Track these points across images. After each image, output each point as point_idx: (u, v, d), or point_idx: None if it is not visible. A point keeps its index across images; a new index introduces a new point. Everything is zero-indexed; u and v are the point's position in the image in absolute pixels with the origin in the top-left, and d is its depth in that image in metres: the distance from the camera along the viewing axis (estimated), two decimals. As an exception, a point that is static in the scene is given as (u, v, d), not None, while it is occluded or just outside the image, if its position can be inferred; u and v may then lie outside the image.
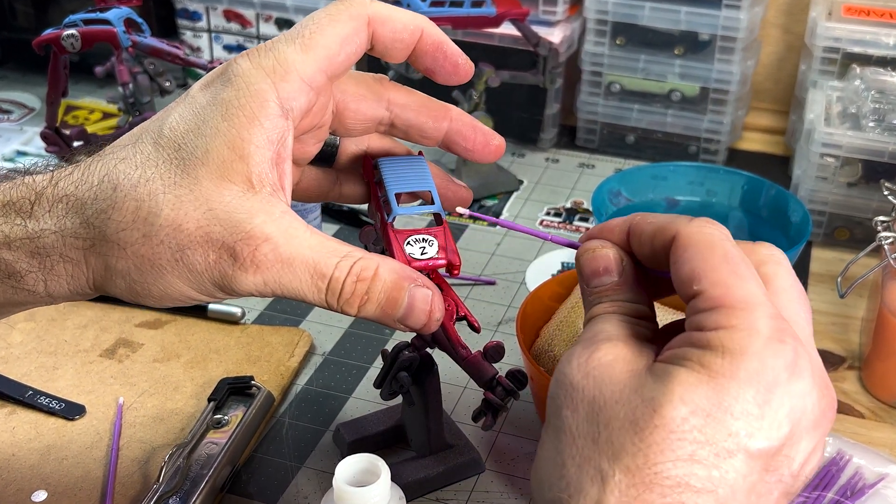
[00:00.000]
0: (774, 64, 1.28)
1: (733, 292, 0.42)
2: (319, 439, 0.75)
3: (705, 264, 0.43)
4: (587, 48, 1.19)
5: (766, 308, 0.42)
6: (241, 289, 0.49)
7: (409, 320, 0.51)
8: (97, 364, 0.81)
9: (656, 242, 0.46)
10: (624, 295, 0.47)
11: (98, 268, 0.50)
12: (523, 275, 0.97)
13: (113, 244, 0.49)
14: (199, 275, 0.49)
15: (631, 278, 0.48)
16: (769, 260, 0.46)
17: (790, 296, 0.45)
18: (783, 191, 0.99)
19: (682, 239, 0.44)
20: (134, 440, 0.73)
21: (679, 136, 1.20)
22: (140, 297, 0.50)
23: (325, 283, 0.49)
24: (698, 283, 0.43)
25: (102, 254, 0.49)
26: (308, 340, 0.84)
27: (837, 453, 0.71)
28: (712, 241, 0.44)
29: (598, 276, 0.48)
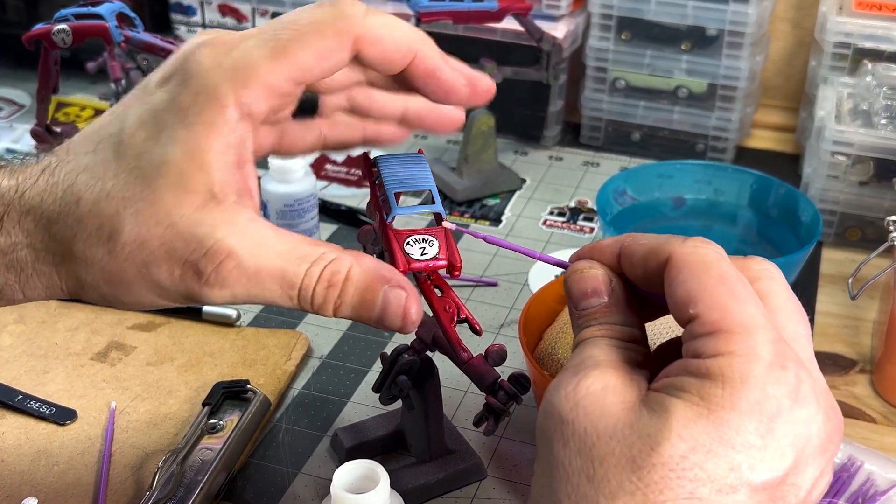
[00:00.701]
0: (784, 60, 1.28)
1: (731, 315, 0.41)
2: (317, 445, 0.75)
3: (701, 286, 0.42)
4: (592, 43, 1.19)
5: (766, 331, 0.41)
6: (212, 302, 0.49)
7: (385, 322, 0.51)
8: (89, 367, 0.81)
9: (649, 264, 0.46)
10: (614, 318, 0.47)
11: (70, 280, 0.51)
12: (526, 276, 0.97)
13: (80, 260, 0.49)
14: (166, 289, 0.49)
15: (621, 300, 0.47)
16: (763, 275, 0.45)
17: (787, 313, 0.44)
18: (793, 190, 0.99)
19: (677, 260, 0.44)
20: (126, 446, 0.73)
21: (686, 134, 1.20)
22: (114, 305, 0.51)
23: (295, 292, 0.49)
24: (694, 307, 0.42)
25: (72, 268, 0.50)
26: (305, 343, 0.84)
27: (848, 459, 0.71)
28: (708, 262, 0.43)
29: (587, 298, 0.47)
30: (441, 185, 1.11)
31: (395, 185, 0.56)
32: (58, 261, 0.50)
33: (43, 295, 0.52)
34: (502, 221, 1.07)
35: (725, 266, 0.43)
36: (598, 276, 0.48)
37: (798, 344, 0.44)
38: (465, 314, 0.56)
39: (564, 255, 0.99)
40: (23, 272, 0.51)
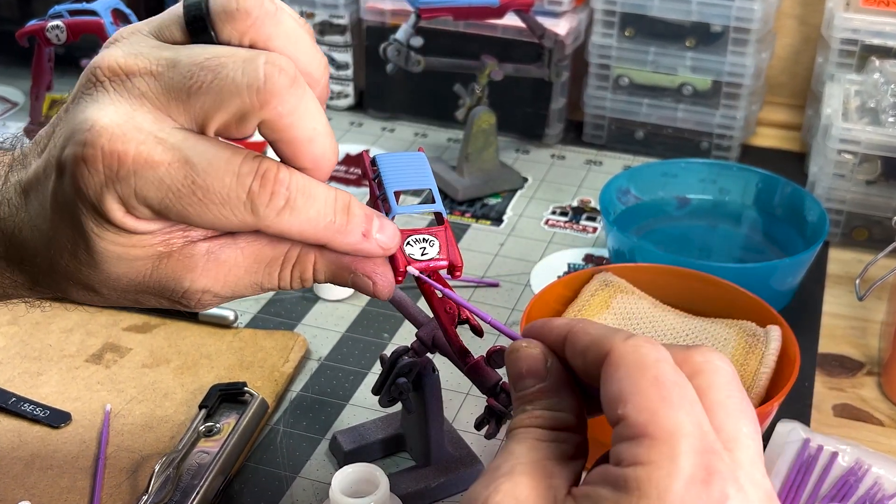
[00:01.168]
0: (790, 56, 1.28)
1: (657, 420, 0.39)
2: (315, 448, 0.75)
3: (634, 387, 0.40)
4: (594, 40, 1.19)
5: (692, 440, 0.39)
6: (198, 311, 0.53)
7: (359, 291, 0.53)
8: (83, 370, 0.81)
9: (589, 356, 0.44)
10: (547, 402, 0.45)
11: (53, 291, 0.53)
12: (528, 276, 0.97)
13: (80, 299, 0.53)
14: (151, 304, 0.53)
15: (558, 383, 0.45)
16: (704, 368, 0.42)
17: (728, 410, 0.42)
18: (799, 189, 0.99)
19: (615, 357, 0.42)
20: (122, 449, 0.73)
21: (690, 132, 1.20)
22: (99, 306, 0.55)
23: (273, 292, 0.54)
24: (623, 407, 0.40)
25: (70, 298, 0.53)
26: (303, 345, 0.84)
27: (856, 463, 0.71)
28: (645, 363, 0.41)
29: (522, 379, 0.46)
30: (441, 184, 1.11)
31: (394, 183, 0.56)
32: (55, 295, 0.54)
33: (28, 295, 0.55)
34: (503, 221, 1.07)
35: (664, 369, 0.41)
36: (534, 356, 0.46)
37: (739, 445, 0.41)
38: (466, 315, 0.56)
39: (566, 255, 0.99)
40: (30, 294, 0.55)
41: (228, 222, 0.47)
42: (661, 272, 0.84)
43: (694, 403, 0.40)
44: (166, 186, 0.46)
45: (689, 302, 0.82)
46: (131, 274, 0.49)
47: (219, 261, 0.50)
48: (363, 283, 0.52)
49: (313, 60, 0.49)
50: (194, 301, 0.51)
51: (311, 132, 0.48)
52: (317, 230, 0.49)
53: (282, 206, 0.47)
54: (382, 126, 1.26)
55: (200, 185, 0.46)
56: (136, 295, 0.51)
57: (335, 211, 0.49)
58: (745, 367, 0.74)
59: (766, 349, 0.75)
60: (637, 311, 0.81)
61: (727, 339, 0.77)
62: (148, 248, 0.49)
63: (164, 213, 0.47)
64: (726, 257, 1.01)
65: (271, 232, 0.48)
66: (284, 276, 0.51)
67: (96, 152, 0.45)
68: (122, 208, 0.46)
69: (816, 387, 0.83)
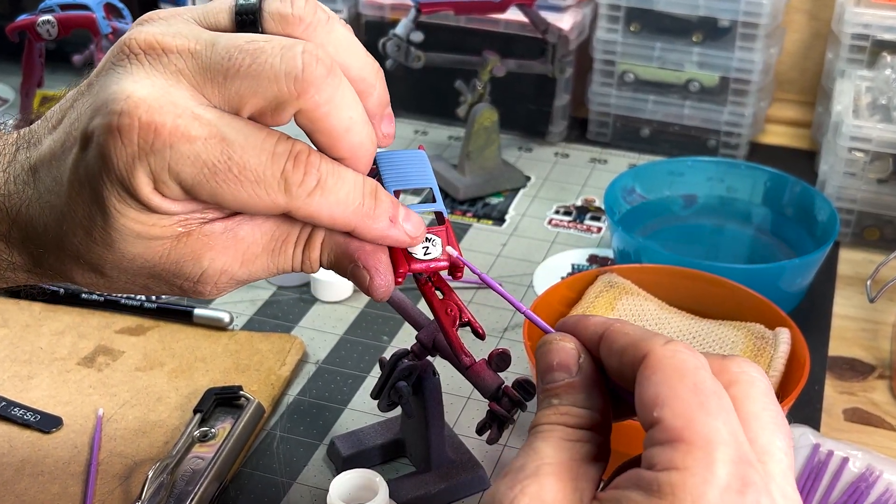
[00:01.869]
0: (799, 52, 1.28)
1: (694, 426, 0.39)
2: (313, 454, 0.75)
3: (671, 391, 0.41)
4: (599, 35, 1.19)
5: (728, 449, 0.39)
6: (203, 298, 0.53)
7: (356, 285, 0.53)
8: (75, 373, 0.81)
9: (626, 357, 0.44)
10: (575, 398, 0.45)
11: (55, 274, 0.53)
12: (531, 277, 0.97)
13: (82, 283, 0.52)
14: (168, 294, 0.53)
15: (588, 381, 0.46)
16: (740, 379, 0.43)
17: (762, 423, 0.42)
18: (809, 188, 0.99)
19: (653, 360, 0.42)
20: (114, 454, 0.73)
21: (697, 130, 1.20)
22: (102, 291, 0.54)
23: (287, 271, 0.53)
24: (660, 410, 0.40)
25: (76, 283, 0.53)
26: (300, 348, 0.85)
27: (867, 469, 0.71)
28: (684, 369, 0.41)
29: (552, 372, 0.46)
30: (442, 183, 1.11)
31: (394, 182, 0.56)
32: (60, 278, 0.53)
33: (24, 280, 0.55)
34: (506, 221, 1.07)
35: (703, 376, 0.41)
36: (568, 350, 0.46)
37: (772, 458, 0.41)
38: (468, 317, 0.56)
39: (572, 253, 0.99)
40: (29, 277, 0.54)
41: (261, 202, 0.47)
42: (667, 273, 0.84)
43: (730, 413, 0.41)
44: (202, 162, 0.46)
45: (695, 303, 0.82)
46: (147, 255, 0.49)
47: (237, 238, 0.50)
48: (361, 276, 0.52)
49: (366, 66, 0.50)
50: (210, 285, 0.51)
51: (347, 122, 0.48)
52: (346, 214, 0.49)
53: (313, 186, 0.48)
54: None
55: (237, 161, 0.46)
56: (146, 279, 0.51)
57: (364, 194, 0.50)
58: (754, 370, 0.74)
59: (774, 352, 0.75)
60: (643, 312, 0.81)
61: (735, 342, 0.77)
62: (167, 228, 0.49)
63: (195, 190, 0.47)
64: (734, 258, 1.01)
65: (301, 215, 0.49)
66: (297, 256, 0.52)
67: (133, 122, 0.45)
68: (150, 183, 0.46)
69: (826, 390, 0.83)
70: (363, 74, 0.50)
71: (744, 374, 0.43)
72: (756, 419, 0.42)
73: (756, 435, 0.42)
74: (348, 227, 0.50)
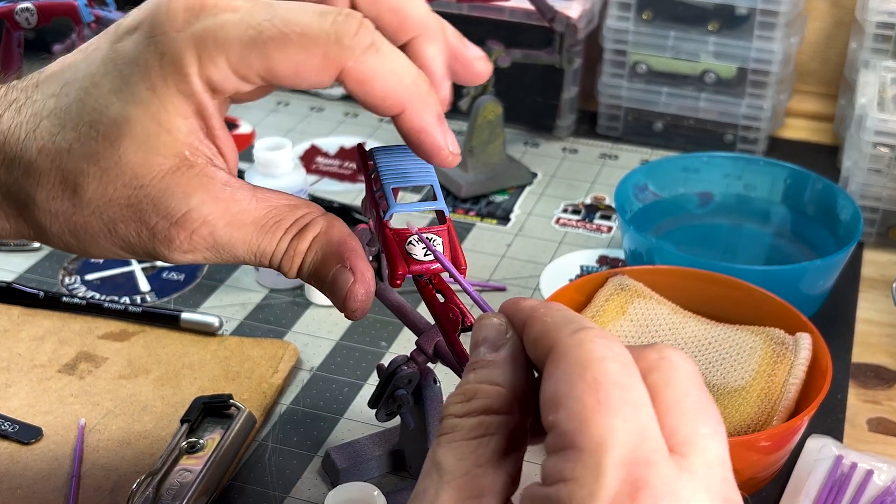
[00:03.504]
0: (821, 41, 1.28)
1: (587, 429, 0.38)
2: (307, 466, 0.75)
3: (569, 389, 0.39)
4: (609, 23, 1.19)
5: (620, 451, 0.37)
6: (176, 263, 0.52)
7: (332, 299, 0.54)
8: (55, 381, 0.81)
9: (538, 349, 0.42)
10: (490, 374, 0.44)
11: (35, 226, 0.53)
12: (537, 280, 0.97)
13: (44, 210, 0.52)
14: (132, 245, 0.52)
15: (511, 358, 0.44)
16: (659, 366, 0.41)
17: (683, 409, 0.40)
18: (831, 185, 0.99)
19: (557, 352, 0.41)
20: (97, 467, 0.73)
21: (713, 123, 1.20)
22: (78, 253, 0.54)
23: (266, 260, 0.53)
24: (555, 413, 0.39)
25: (35, 217, 0.52)
26: (294, 354, 0.85)
27: (892, 481, 0.71)
28: (588, 360, 0.39)
29: (476, 348, 0.45)
30: (443, 180, 1.11)
31: (393, 179, 0.56)
32: (21, 206, 0.52)
33: (12, 235, 0.54)
34: (511, 220, 1.07)
35: (607, 368, 0.39)
36: (494, 325, 0.45)
37: (694, 448, 0.39)
38: (471, 322, 0.56)
39: (579, 257, 0.99)
40: None
41: (314, 59, 0.48)
42: (681, 275, 0.84)
43: (639, 406, 0.39)
44: (247, 25, 0.48)
45: (711, 307, 0.82)
46: (142, 168, 0.49)
47: (234, 197, 0.51)
48: (344, 278, 0.52)
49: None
50: (186, 231, 0.50)
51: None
52: (399, 87, 0.49)
53: (368, 43, 0.48)
54: (379, 117, 1.27)
55: (283, 17, 0.48)
56: (120, 210, 0.50)
57: (418, 73, 0.50)
58: (773, 377, 0.74)
59: (795, 358, 0.75)
60: (655, 317, 0.81)
61: (753, 348, 0.77)
62: (180, 138, 0.49)
63: (245, 60, 0.48)
64: (752, 259, 1.01)
65: (354, 75, 0.49)
66: (283, 244, 0.52)
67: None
68: (196, 62, 0.48)
69: (850, 399, 0.83)
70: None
71: (664, 360, 0.41)
72: (677, 406, 0.40)
73: (676, 425, 0.40)
74: (399, 104, 0.50)
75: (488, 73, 0.56)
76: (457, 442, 0.43)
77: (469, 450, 0.42)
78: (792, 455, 0.74)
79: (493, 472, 0.42)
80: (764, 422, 0.72)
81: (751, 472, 0.71)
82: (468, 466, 0.42)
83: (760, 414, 0.72)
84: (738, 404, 0.73)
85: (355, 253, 0.53)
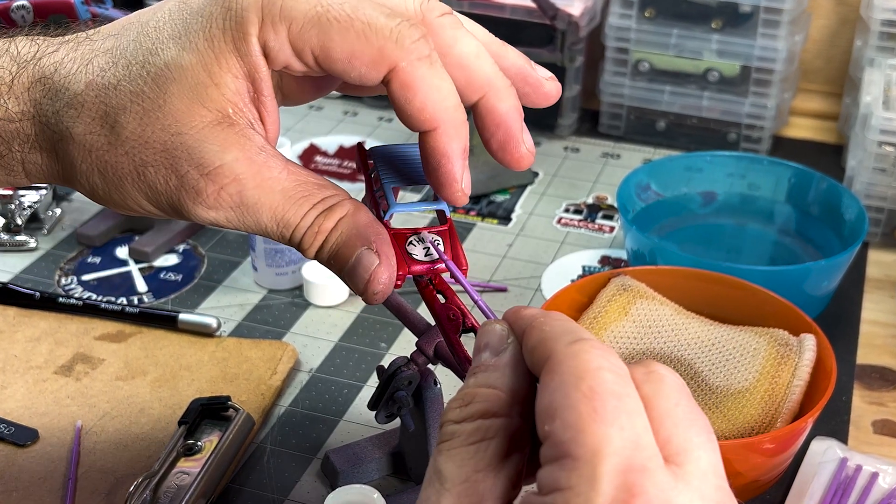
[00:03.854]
0: (826, 39, 1.28)
1: (582, 438, 0.38)
2: (306, 468, 0.75)
3: (565, 400, 0.39)
4: (611, 21, 1.19)
5: (616, 458, 0.38)
6: (198, 220, 0.53)
7: (351, 283, 0.53)
8: (52, 382, 0.81)
9: (535, 358, 0.43)
10: (490, 377, 0.44)
11: (66, 163, 0.54)
12: (538, 280, 0.97)
13: (78, 143, 0.53)
14: (157, 194, 0.52)
15: (511, 362, 0.45)
16: (649, 379, 0.42)
17: (675, 419, 0.41)
18: (836, 184, 0.99)
19: (553, 362, 0.41)
20: (93, 470, 0.73)
21: (717, 122, 1.20)
22: (101, 200, 0.54)
23: (288, 232, 0.53)
24: (551, 423, 0.39)
25: (69, 150, 0.53)
26: (293, 355, 0.85)
27: (898, 485, 0.71)
28: (584, 371, 0.40)
29: (478, 353, 0.46)
30: (444, 180, 1.10)
31: (391, 178, 0.56)
32: (57, 138, 0.53)
33: (42, 176, 0.55)
34: (512, 220, 1.07)
35: (603, 378, 0.40)
36: (496, 332, 0.46)
37: (689, 457, 0.40)
38: (472, 323, 0.56)
39: (581, 257, 0.99)
40: (25, 144, 0.54)
41: (371, 50, 0.49)
42: (684, 276, 0.84)
43: (634, 415, 0.39)
44: (316, 0, 0.49)
45: (714, 308, 0.83)
46: (184, 115, 0.51)
47: (267, 163, 0.52)
48: (368, 261, 0.52)
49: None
50: (215, 186, 0.51)
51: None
52: (439, 107, 0.50)
53: (426, 53, 0.50)
54: (379, 116, 1.27)
55: (353, 4, 0.50)
56: (154, 154, 0.51)
57: (459, 103, 0.51)
58: (777, 379, 0.74)
59: (799, 360, 0.75)
60: (658, 318, 0.81)
61: (757, 349, 0.77)
62: (225, 97, 0.51)
63: (303, 33, 0.49)
64: (756, 259, 1.01)
65: (402, 78, 0.50)
66: (308, 218, 0.52)
67: None
68: (258, 24, 0.50)
69: (854, 401, 0.83)
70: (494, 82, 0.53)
71: (652, 373, 0.42)
72: (669, 416, 0.41)
73: (670, 434, 0.40)
74: (434, 120, 0.50)
75: (558, 93, 0.57)
76: (456, 448, 0.43)
77: (468, 456, 0.43)
78: (796, 457, 0.74)
79: (493, 476, 0.42)
80: (768, 424, 0.72)
81: (754, 474, 0.71)
82: (468, 473, 0.42)
83: (764, 416, 0.72)
84: (741, 406, 0.73)
85: (382, 237, 0.53)
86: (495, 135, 0.53)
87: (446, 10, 0.53)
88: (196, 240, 1.02)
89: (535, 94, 0.56)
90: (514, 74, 0.56)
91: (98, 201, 0.55)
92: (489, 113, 0.53)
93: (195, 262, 0.99)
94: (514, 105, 0.53)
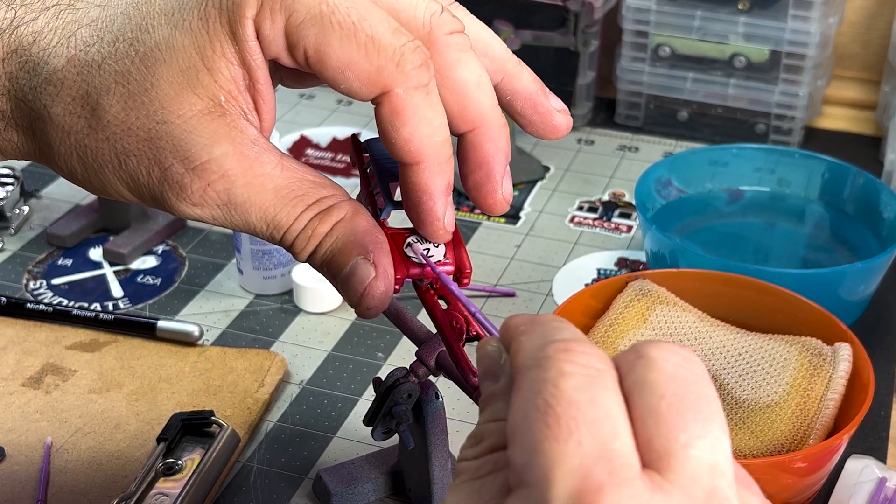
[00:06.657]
0: (863, 22, 1.28)
1: (535, 461, 0.37)
2: (296, 489, 0.75)
3: (522, 418, 0.38)
4: (629, 2, 1.19)
5: (566, 482, 0.36)
6: (181, 215, 0.52)
7: (345, 294, 0.53)
8: (19, 395, 0.81)
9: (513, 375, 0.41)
10: (495, 410, 0.43)
11: (43, 143, 0.53)
12: (549, 284, 0.97)
13: (57, 125, 0.52)
14: (140, 185, 0.52)
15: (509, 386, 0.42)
16: (634, 368, 0.39)
17: (658, 417, 0.38)
18: (873, 179, 0.99)
19: (517, 378, 0.40)
20: (65, 490, 0.73)
21: (744, 112, 1.20)
22: (80, 184, 0.54)
23: (279, 234, 0.52)
24: (510, 447, 0.38)
25: (47, 131, 0.53)
26: (282, 366, 0.85)
27: (942, 507, 0.71)
28: (541, 382, 0.38)
29: (482, 382, 0.45)
30: (446, 175, 1.11)
31: (389, 175, 0.56)
32: (34, 117, 0.53)
33: (17, 153, 0.55)
34: (521, 218, 1.07)
35: (565, 385, 0.38)
36: (489, 354, 0.45)
37: (674, 460, 0.37)
38: (476, 330, 0.56)
39: (595, 259, 0.99)
40: (0, 121, 0.54)
41: (367, 65, 0.49)
42: (708, 279, 0.84)
43: (599, 423, 0.37)
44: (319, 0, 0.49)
45: (741, 314, 0.83)
46: (172, 103, 0.50)
47: (259, 158, 0.51)
48: (364, 272, 0.52)
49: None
50: (201, 182, 0.51)
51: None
52: (427, 141, 0.51)
53: (425, 82, 0.50)
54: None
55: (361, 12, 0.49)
56: (138, 143, 0.51)
57: (448, 139, 0.52)
58: (810, 392, 0.74)
59: (833, 371, 0.75)
60: (680, 325, 0.81)
61: (787, 359, 0.77)
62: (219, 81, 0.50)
63: (301, 29, 0.49)
64: (786, 261, 1.01)
65: (395, 102, 0.50)
66: (301, 221, 0.52)
67: None
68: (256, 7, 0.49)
69: (894, 416, 0.83)
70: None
71: (640, 359, 0.39)
72: (651, 414, 0.38)
73: (651, 434, 0.38)
74: (418, 154, 0.51)
75: (568, 128, 0.57)
76: (464, 482, 0.42)
77: (473, 489, 0.42)
78: (830, 478, 0.74)
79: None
80: (799, 441, 0.72)
81: (785, 495, 0.71)
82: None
83: (795, 432, 0.72)
84: (770, 421, 0.73)
85: (380, 247, 0.53)
86: (475, 173, 0.54)
87: (457, 28, 0.53)
88: (176, 240, 1.02)
89: (543, 125, 0.57)
90: (524, 99, 0.56)
91: (77, 185, 0.54)
92: (474, 149, 0.54)
93: (175, 264, 0.99)
94: (503, 148, 0.54)
